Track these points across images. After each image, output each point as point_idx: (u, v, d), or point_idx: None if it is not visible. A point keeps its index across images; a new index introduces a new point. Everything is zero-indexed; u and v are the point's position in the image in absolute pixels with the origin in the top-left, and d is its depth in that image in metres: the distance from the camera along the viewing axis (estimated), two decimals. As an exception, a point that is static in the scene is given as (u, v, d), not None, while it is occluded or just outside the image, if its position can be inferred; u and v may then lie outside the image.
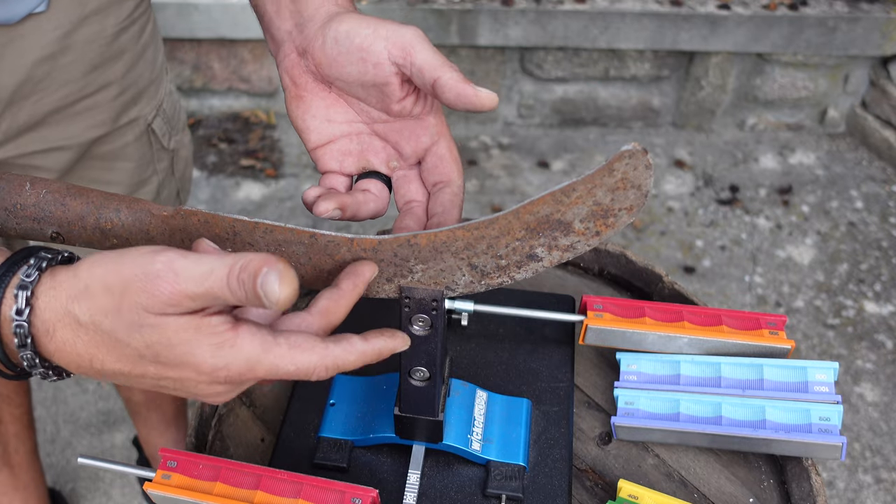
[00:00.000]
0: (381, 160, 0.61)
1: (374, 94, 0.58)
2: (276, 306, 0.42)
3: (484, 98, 0.53)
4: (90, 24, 0.80)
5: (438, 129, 0.59)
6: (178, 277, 0.43)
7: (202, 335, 0.45)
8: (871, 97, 2.37)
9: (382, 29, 0.55)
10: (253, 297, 0.42)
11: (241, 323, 0.47)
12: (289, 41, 0.61)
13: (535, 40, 2.22)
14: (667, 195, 2.23)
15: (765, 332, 0.72)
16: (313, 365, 0.48)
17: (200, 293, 0.43)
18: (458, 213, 0.58)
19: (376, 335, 0.51)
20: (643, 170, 0.48)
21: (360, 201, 0.59)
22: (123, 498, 1.61)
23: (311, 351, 0.47)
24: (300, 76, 0.60)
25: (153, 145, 0.98)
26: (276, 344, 0.46)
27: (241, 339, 0.46)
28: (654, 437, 0.71)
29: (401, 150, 0.61)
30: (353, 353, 0.49)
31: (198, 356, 0.45)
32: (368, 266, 0.53)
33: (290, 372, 0.47)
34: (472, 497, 0.68)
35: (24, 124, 0.81)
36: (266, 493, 0.58)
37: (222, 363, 0.46)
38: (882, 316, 1.93)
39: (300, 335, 0.48)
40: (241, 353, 0.46)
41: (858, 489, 1.62)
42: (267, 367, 0.46)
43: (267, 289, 0.42)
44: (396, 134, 0.60)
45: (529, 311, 0.74)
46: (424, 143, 0.59)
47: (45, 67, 0.78)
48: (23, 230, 0.56)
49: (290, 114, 0.61)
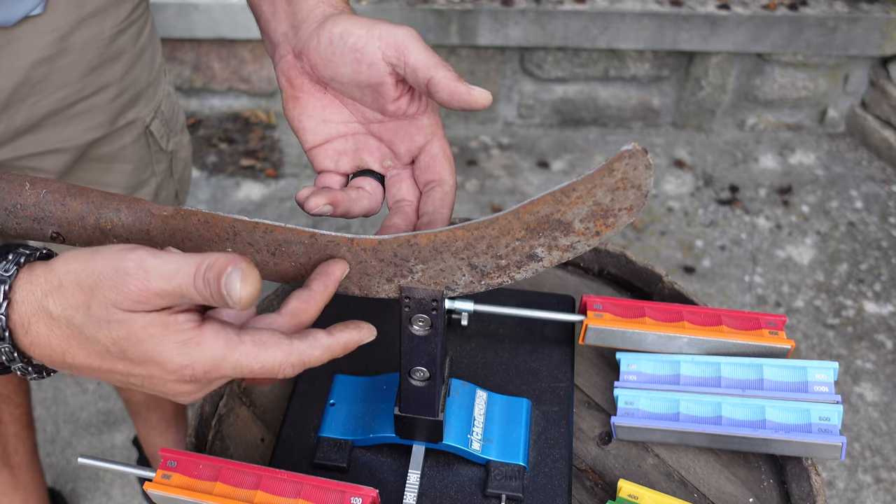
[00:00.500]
0: (375, 159, 0.62)
1: (368, 94, 0.58)
2: (239, 305, 0.43)
3: (477, 96, 0.54)
4: (88, 27, 0.80)
5: (432, 129, 0.60)
6: (148, 275, 0.44)
7: (168, 332, 0.46)
8: (870, 97, 2.37)
9: (376, 29, 0.56)
10: (217, 295, 0.43)
11: (206, 321, 0.47)
12: (285, 43, 0.61)
13: (535, 40, 2.22)
14: (667, 195, 2.23)
15: (765, 332, 0.72)
16: (279, 362, 0.48)
17: (169, 291, 0.44)
18: (449, 213, 0.59)
19: (341, 328, 0.52)
20: (643, 170, 0.48)
21: (353, 198, 0.59)
22: (123, 498, 1.61)
23: (276, 348, 0.48)
24: (296, 77, 0.60)
25: (151, 147, 0.97)
26: (241, 342, 0.47)
27: (206, 338, 0.46)
28: (654, 437, 0.71)
29: (395, 149, 0.61)
30: (318, 348, 0.50)
31: (163, 353, 0.46)
32: (339, 265, 0.54)
33: (255, 370, 0.48)
34: (472, 497, 0.68)
35: (22, 126, 0.81)
36: (266, 493, 0.58)
37: (187, 361, 0.46)
38: (882, 316, 1.93)
39: (265, 332, 0.48)
40: (206, 352, 0.46)
41: (858, 489, 1.62)
42: (232, 364, 0.47)
43: (230, 287, 0.43)
44: (391, 133, 0.61)
45: (529, 311, 0.74)
46: (418, 143, 0.60)
47: (42, 70, 0.78)
48: (23, 230, 0.56)
49: (286, 115, 0.62)
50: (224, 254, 0.44)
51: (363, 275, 0.55)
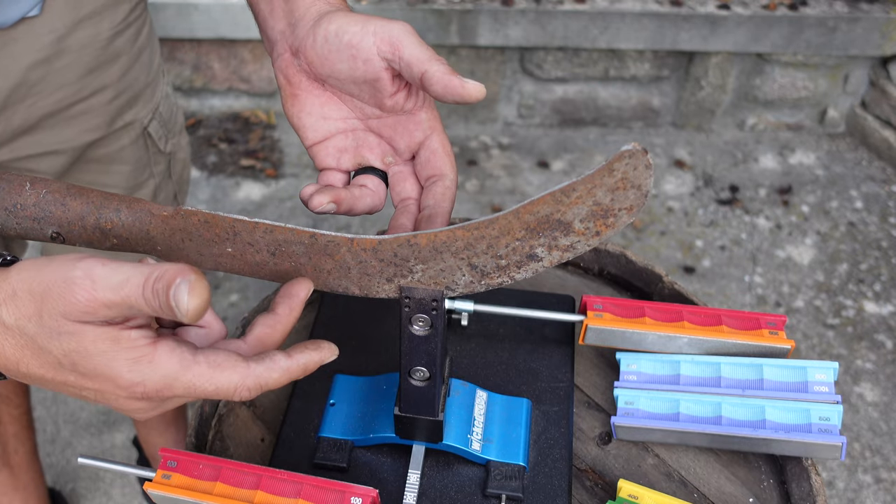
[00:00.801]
0: (376, 155, 0.62)
1: (366, 90, 0.59)
2: (187, 317, 0.42)
3: (471, 89, 0.54)
4: (85, 28, 0.80)
5: (431, 124, 0.60)
6: (95, 285, 0.43)
7: (120, 348, 0.45)
8: (870, 97, 2.37)
9: (371, 25, 0.56)
10: (166, 307, 0.43)
11: (161, 339, 0.46)
12: (282, 41, 0.61)
13: (535, 40, 2.22)
14: (667, 195, 2.23)
15: (765, 332, 0.72)
16: (234, 385, 0.47)
17: (117, 301, 0.43)
18: (450, 207, 0.59)
19: (300, 350, 0.51)
20: (643, 170, 0.48)
21: (356, 196, 0.59)
22: (123, 498, 1.61)
23: (231, 370, 0.47)
24: (294, 75, 0.61)
25: (149, 149, 0.97)
26: (196, 362, 0.46)
27: (159, 356, 0.46)
28: (653, 437, 0.71)
29: (395, 145, 0.61)
30: (276, 370, 0.49)
31: (114, 369, 0.45)
32: (303, 285, 0.53)
33: (209, 391, 0.47)
34: (472, 497, 0.68)
35: (19, 128, 0.81)
36: (266, 493, 0.58)
37: (138, 378, 0.46)
38: (882, 316, 1.93)
39: (221, 353, 0.47)
40: (159, 370, 0.46)
41: (858, 489, 1.62)
42: (185, 385, 0.46)
43: (178, 299, 0.42)
44: (390, 129, 0.61)
45: (529, 311, 0.74)
46: (417, 138, 0.60)
47: (39, 71, 0.78)
48: (23, 230, 0.56)
49: (286, 112, 0.62)
50: (174, 265, 0.43)
51: (363, 275, 0.55)
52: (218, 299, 1.94)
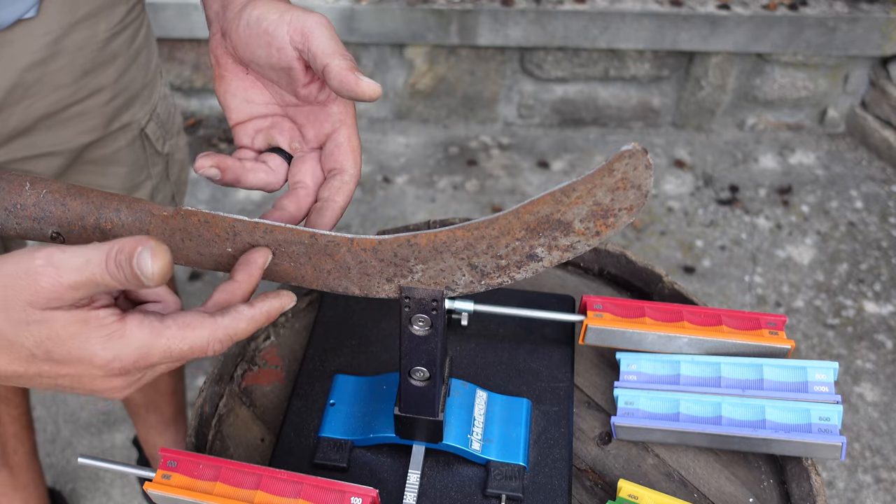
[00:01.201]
0: (285, 139, 0.63)
1: (283, 77, 0.60)
2: (152, 280, 0.44)
3: (365, 87, 0.55)
4: (81, 30, 0.80)
5: (341, 118, 0.61)
6: (59, 270, 0.44)
7: (90, 328, 0.46)
8: (870, 97, 2.37)
9: (288, 15, 0.57)
10: (131, 276, 0.44)
11: (128, 314, 0.48)
12: (216, 21, 0.63)
13: (535, 40, 2.22)
14: (667, 195, 2.23)
15: (764, 331, 0.72)
16: (206, 339, 0.49)
17: (82, 282, 0.44)
18: (343, 202, 0.60)
19: (261, 299, 0.52)
20: (643, 170, 0.48)
21: (247, 168, 0.61)
22: (123, 498, 1.61)
23: (200, 327, 0.49)
24: (222, 56, 0.62)
25: (147, 150, 0.97)
26: (166, 327, 0.48)
27: (130, 329, 0.47)
28: (654, 437, 0.71)
29: (304, 133, 0.63)
30: (242, 320, 0.50)
31: (88, 349, 0.46)
32: (261, 253, 0.55)
33: (184, 351, 0.48)
34: (472, 497, 0.68)
35: (15, 130, 0.80)
36: (266, 493, 0.58)
37: (113, 354, 0.47)
38: (882, 316, 1.93)
39: (188, 314, 0.49)
40: (132, 342, 0.47)
41: (858, 489, 1.62)
42: (160, 351, 0.48)
43: (142, 266, 0.43)
44: (303, 117, 0.62)
45: (529, 311, 0.74)
46: (326, 130, 0.61)
47: (35, 73, 0.78)
48: (23, 230, 0.56)
49: (215, 91, 0.64)
50: (132, 237, 0.44)
51: (363, 275, 0.55)
52: (218, 299, 1.93)
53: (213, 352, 0.50)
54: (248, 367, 0.81)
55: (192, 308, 0.51)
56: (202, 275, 1.98)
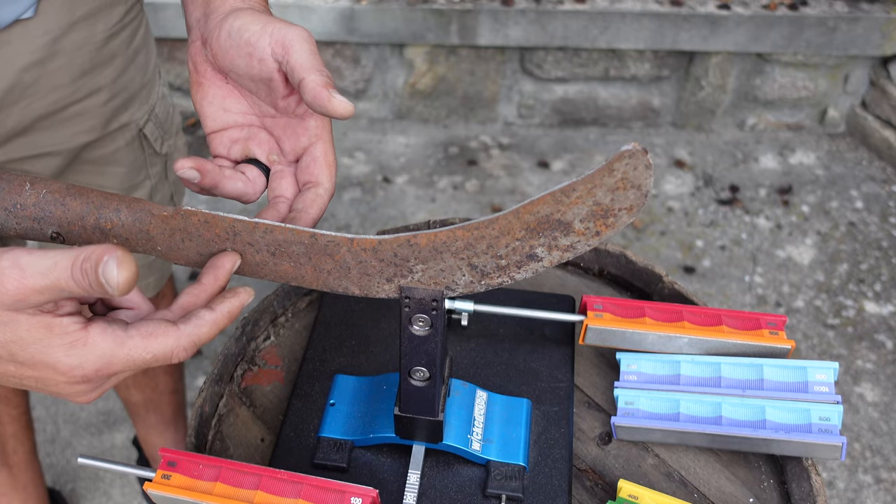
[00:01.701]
0: (263, 151, 0.63)
1: (262, 88, 0.60)
2: (117, 291, 0.44)
3: (336, 105, 0.55)
4: (79, 30, 0.80)
5: (318, 133, 0.61)
6: (24, 273, 0.45)
7: (54, 335, 0.47)
8: (871, 97, 2.37)
9: (270, 27, 0.58)
10: (96, 285, 0.44)
11: (92, 322, 0.48)
12: (196, 28, 0.63)
13: (535, 40, 2.22)
14: (667, 195, 2.23)
15: (765, 332, 0.72)
16: (170, 348, 0.49)
17: (47, 286, 0.45)
18: (316, 215, 0.60)
19: (220, 300, 0.53)
20: (643, 170, 0.48)
21: (226, 175, 0.61)
22: (123, 498, 1.61)
23: (164, 336, 0.49)
24: (201, 63, 0.62)
25: (145, 150, 0.97)
26: (129, 336, 0.48)
27: (93, 337, 0.48)
28: (654, 437, 0.71)
29: (282, 145, 0.63)
30: (205, 325, 0.51)
31: (51, 356, 0.47)
32: (229, 258, 0.55)
33: (147, 360, 0.49)
34: (472, 497, 0.68)
35: (13, 130, 0.80)
36: (266, 493, 0.58)
37: (76, 362, 0.47)
38: (882, 316, 1.93)
39: (151, 323, 0.49)
40: (95, 351, 0.48)
41: (858, 489, 1.62)
42: (123, 360, 0.48)
43: (107, 275, 0.43)
44: (280, 130, 0.62)
45: (529, 311, 0.74)
46: (303, 143, 0.61)
47: (33, 73, 0.78)
48: (23, 230, 0.56)
49: (192, 98, 0.64)
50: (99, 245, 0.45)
51: (363, 275, 0.55)
52: (218, 299, 1.93)
53: (177, 359, 0.50)
54: (248, 367, 0.81)
55: (157, 314, 0.52)
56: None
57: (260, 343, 0.83)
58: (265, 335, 0.83)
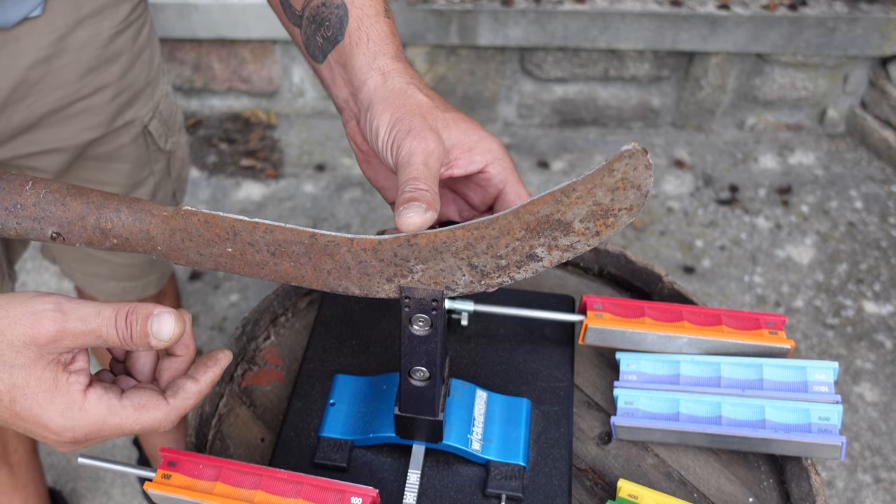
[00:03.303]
0: (453, 210, 0.64)
1: None
2: (166, 344, 0.49)
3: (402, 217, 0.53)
4: (86, 28, 0.80)
5: (503, 177, 0.59)
6: (66, 316, 0.48)
7: (57, 393, 0.49)
8: (870, 97, 2.37)
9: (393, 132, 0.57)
10: (140, 336, 0.49)
11: (92, 385, 0.51)
12: (347, 109, 0.62)
13: (535, 40, 2.22)
14: (667, 195, 2.23)
15: (764, 331, 0.72)
16: (159, 421, 0.53)
17: (86, 331, 0.48)
18: None
19: (202, 370, 0.56)
20: (643, 170, 0.48)
21: None
22: (123, 498, 1.61)
23: (155, 409, 0.52)
24: (363, 143, 0.62)
25: (149, 147, 0.98)
26: (122, 407, 0.51)
27: (89, 403, 0.50)
28: (653, 437, 0.71)
29: (469, 201, 0.63)
30: (191, 397, 0.54)
31: (47, 414, 0.49)
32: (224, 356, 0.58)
33: (135, 429, 0.52)
34: (472, 497, 0.68)
35: (19, 127, 0.81)
36: (266, 493, 0.58)
37: (69, 424, 0.50)
38: (881, 316, 1.93)
39: (144, 394, 0.52)
40: (88, 416, 0.50)
41: (858, 489, 1.62)
42: (112, 428, 0.51)
43: (162, 328, 0.50)
44: (463, 185, 0.62)
45: (529, 311, 0.74)
46: (491, 193, 0.60)
47: (40, 70, 0.78)
48: (23, 230, 0.56)
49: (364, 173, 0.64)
50: (147, 303, 0.49)
51: (363, 275, 0.55)
52: (218, 299, 1.94)
53: (163, 429, 0.53)
54: (248, 367, 0.81)
55: (148, 386, 0.54)
56: (202, 275, 1.98)
57: (260, 343, 0.83)
58: (265, 335, 0.84)
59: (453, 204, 0.63)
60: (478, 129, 0.58)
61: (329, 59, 0.62)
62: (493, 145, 0.58)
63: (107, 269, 1.11)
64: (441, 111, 0.58)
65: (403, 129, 0.55)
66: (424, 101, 0.58)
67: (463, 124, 0.58)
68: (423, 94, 0.58)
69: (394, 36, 0.62)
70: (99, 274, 1.12)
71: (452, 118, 0.58)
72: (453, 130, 0.57)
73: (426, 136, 0.55)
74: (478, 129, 0.58)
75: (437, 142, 0.55)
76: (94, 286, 1.14)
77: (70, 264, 1.13)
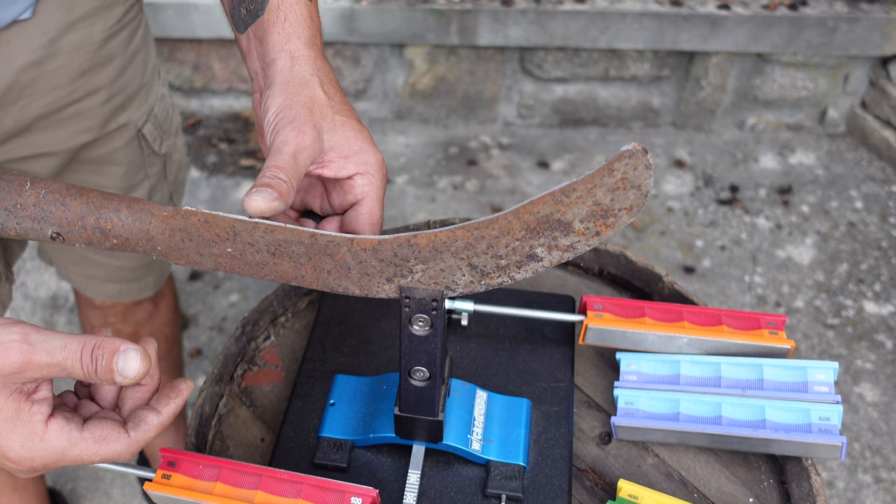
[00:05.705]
0: (317, 204, 0.65)
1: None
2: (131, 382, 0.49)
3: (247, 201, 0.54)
4: (77, 31, 0.80)
5: (365, 190, 0.61)
6: (32, 348, 0.48)
7: (19, 422, 0.49)
8: (870, 97, 2.37)
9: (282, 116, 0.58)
10: (104, 372, 0.49)
11: (54, 416, 0.51)
12: (255, 80, 0.64)
13: (535, 40, 2.22)
14: (667, 195, 2.23)
15: (764, 331, 0.72)
16: (118, 452, 0.53)
17: (51, 363, 0.48)
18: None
19: (164, 402, 0.56)
20: (643, 170, 0.48)
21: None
22: (123, 498, 1.61)
23: (115, 441, 0.53)
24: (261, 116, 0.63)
25: (144, 150, 0.97)
26: (83, 439, 0.51)
27: (50, 434, 0.50)
28: (654, 437, 0.71)
29: (331, 200, 0.64)
30: (151, 430, 0.55)
31: (6, 445, 0.50)
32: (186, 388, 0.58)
33: (94, 461, 0.53)
34: (472, 497, 0.68)
35: (11, 130, 0.80)
36: (266, 493, 0.58)
37: (28, 454, 0.50)
38: (882, 316, 1.93)
39: (105, 426, 0.53)
40: (48, 447, 0.50)
41: (858, 489, 1.62)
42: (72, 458, 0.52)
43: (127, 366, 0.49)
44: (331, 184, 0.63)
45: (529, 311, 0.74)
46: (349, 200, 0.62)
47: (31, 73, 0.78)
48: (23, 230, 0.56)
49: (260, 144, 0.65)
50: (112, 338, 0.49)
51: (363, 275, 0.55)
52: (218, 299, 1.94)
53: (122, 460, 0.54)
54: (248, 367, 0.81)
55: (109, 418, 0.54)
56: (202, 275, 1.98)
57: (260, 343, 0.83)
58: (265, 335, 0.84)
59: (319, 198, 0.64)
60: (362, 140, 0.60)
61: (249, 31, 0.64)
62: (371, 159, 0.60)
63: (103, 271, 1.11)
64: (333, 112, 0.59)
65: (287, 117, 0.57)
66: (320, 96, 0.59)
67: (349, 131, 0.60)
68: (322, 90, 0.60)
69: (311, 20, 0.63)
70: (95, 276, 1.12)
71: (341, 122, 0.59)
72: (337, 133, 0.59)
73: (305, 131, 0.57)
74: (363, 139, 0.60)
75: (314, 139, 0.57)
76: (91, 288, 1.14)
77: (66, 266, 1.13)
